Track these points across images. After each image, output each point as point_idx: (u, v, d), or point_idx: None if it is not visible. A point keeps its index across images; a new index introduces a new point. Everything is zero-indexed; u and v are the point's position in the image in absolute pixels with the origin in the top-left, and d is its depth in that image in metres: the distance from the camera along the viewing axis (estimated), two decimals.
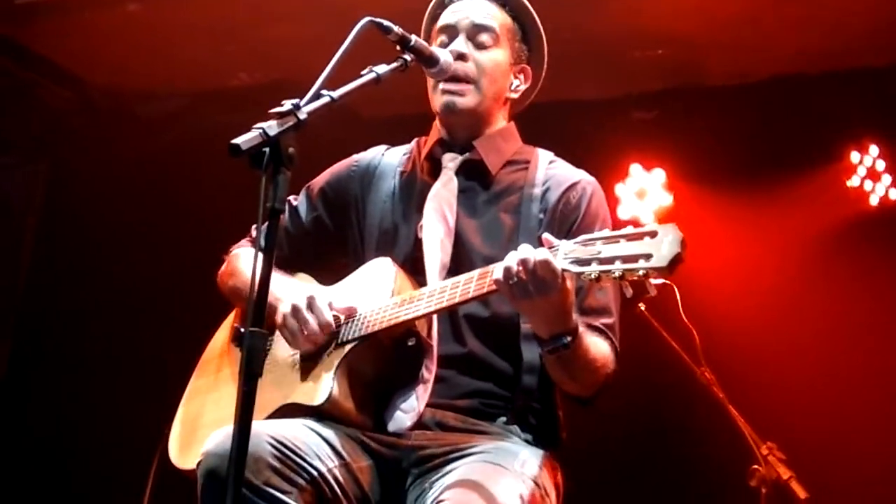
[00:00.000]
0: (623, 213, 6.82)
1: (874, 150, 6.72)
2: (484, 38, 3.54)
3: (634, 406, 6.11)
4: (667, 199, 6.89)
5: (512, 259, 2.91)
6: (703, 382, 5.24)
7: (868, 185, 6.72)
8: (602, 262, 2.74)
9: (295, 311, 3.28)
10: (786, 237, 6.53)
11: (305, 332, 3.27)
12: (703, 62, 6.96)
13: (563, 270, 2.84)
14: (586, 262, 2.78)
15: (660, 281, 4.85)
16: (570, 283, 2.92)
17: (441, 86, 3.49)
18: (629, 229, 2.76)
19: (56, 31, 7.09)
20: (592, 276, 2.76)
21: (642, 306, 5.18)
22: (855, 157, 6.74)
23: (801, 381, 6.18)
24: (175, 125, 7.84)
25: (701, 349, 5.22)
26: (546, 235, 2.95)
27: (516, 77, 3.66)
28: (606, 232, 2.81)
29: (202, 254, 4.02)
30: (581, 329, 3.08)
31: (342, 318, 3.31)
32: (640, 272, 2.67)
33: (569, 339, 3.02)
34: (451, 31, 3.56)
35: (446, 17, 3.61)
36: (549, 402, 3.42)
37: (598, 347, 3.23)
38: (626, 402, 5.15)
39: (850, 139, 6.74)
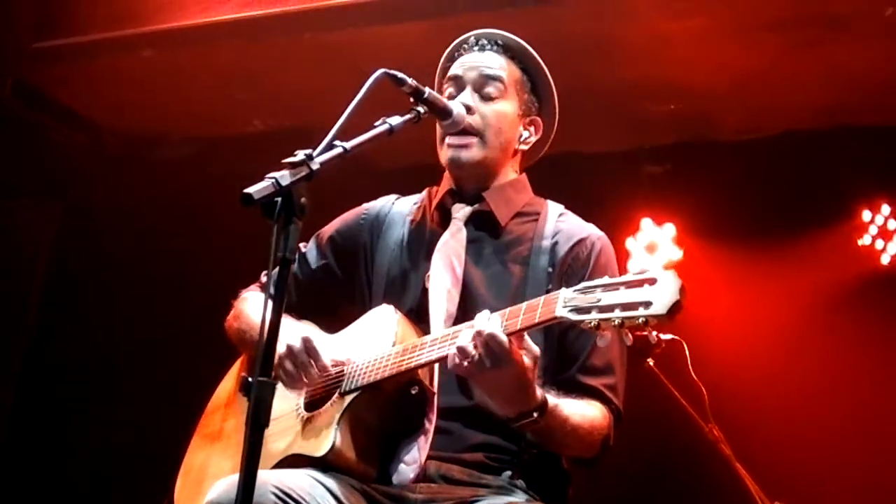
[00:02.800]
0: (632, 266, 6.79)
1: (886, 209, 6.72)
2: (490, 89, 3.56)
3: (642, 462, 6.06)
4: (677, 254, 6.88)
5: (465, 339, 2.92)
6: (711, 439, 5.20)
7: (879, 243, 6.72)
8: (602, 309, 2.73)
9: (290, 352, 3.26)
10: (796, 295, 6.51)
11: (301, 375, 3.26)
12: (716, 117, 6.97)
13: (562, 318, 2.82)
14: (586, 310, 2.76)
15: (668, 336, 4.87)
16: (528, 361, 2.94)
17: (447, 140, 3.51)
18: (629, 276, 2.76)
19: (70, 76, 7.13)
20: (592, 323, 2.74)
21: (651, 362, 5.15)
22: (866, 215, 6.75)
23: (809, 440, 6.13)
24: (188, 171, 7.85)
25: (709, 406, 5.19)
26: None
27: (525, 129, 3.67)
28: (606, 279, 2.80)
29: (211, 299, 4.01)
30: (553, 402, 3.08)
31: (341, 367, 3.31)
32: (640, 320, 2.66)
33: (535, 415, 3.02)
34: (459, 83, 3.59)
35: (455, 69, 3.63)
36: (556, 458, 3.40)
37: (584, 414, 3.22)
38: (634, 458, 5.12)
39: (862, 197, 6.74)
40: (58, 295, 8.08)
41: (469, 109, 3.50)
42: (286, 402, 3.40)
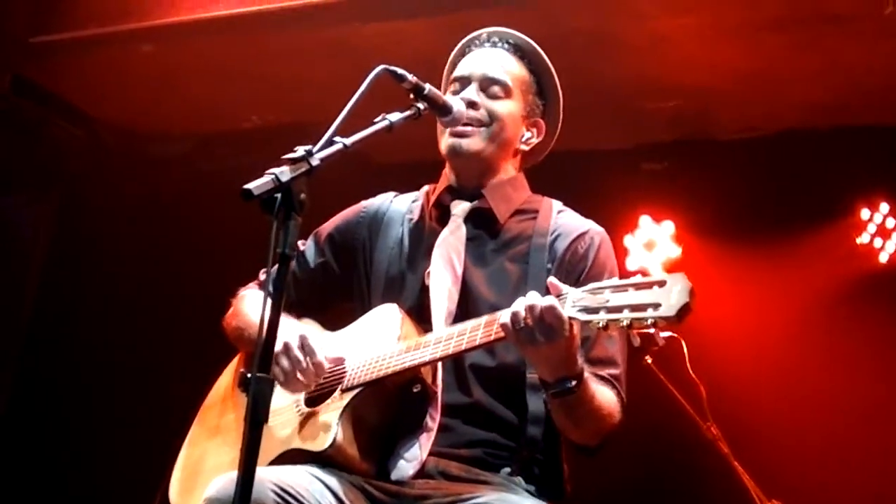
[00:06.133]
0: (631, 264, 6.81)
1: (885, 207, 6.71)
2: (495, 88, 3.56)
3: (640, 460, 6.06)
4: (675, 252, 6.88)
5: (519, 305, 2.91)
6: (709, 438, 5.20)
7: (878, 242, 6.71)
8: (610, 310, 2.74)
9: (286, 349, 3.25)
10: (794, 293, 6.51)
11: (297, 373, 3.25)
12: (715, 115, 6.97)
13: (571, 318, 2.83)
14: (595, 311, 2.77)
15: (667, 334, 4.86)
16: (576, 329, 2.91)
17: (449, 129, 3.50)
18: (638, 278, 2.76)
19: (69, 70, 7.13)
20: (601, 324, 2.75)
21: (649, 359, 5.15)
22: (865, 213, 6.73)
23: (807, 438, 6.14)
24: (186, 166, 7.86)
25: (707, 404, 5.19)
26: (553, 280, 2.94)
27: (528, 129, 3.66)
28: (615, 280, 2.81)
29: (210, 296, 4.01)
30: (587, 375, 3.08)
31: (338, 365, 3.31)
32: (649, 321, 2.66)
33: (573, 383, 3.01)
34: (464, 81, 3.59)
35: (461, 68, 3.64)
36: (554, 454, 3.40)
37: (605, 396, 3.21)
38: (632, 455, 5.13)
39: (861, 196, 6.73)
40: (54, 290, 8.07)
41: (474, 105, 3.50)
42: (286, 397, 3.39)
